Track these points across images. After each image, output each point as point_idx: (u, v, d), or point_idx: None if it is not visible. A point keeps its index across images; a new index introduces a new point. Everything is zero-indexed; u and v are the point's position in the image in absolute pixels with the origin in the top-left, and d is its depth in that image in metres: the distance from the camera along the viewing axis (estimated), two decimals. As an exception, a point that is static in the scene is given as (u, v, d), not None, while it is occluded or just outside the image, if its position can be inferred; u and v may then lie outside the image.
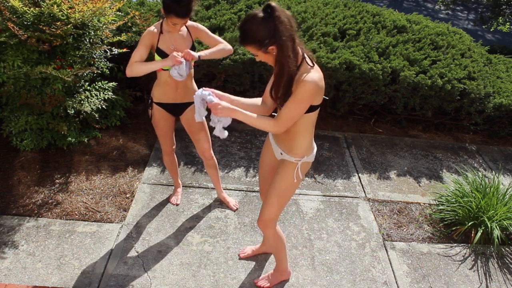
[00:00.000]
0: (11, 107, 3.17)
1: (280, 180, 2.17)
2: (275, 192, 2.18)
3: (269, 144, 2.31)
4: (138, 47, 2.41)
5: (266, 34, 1.77)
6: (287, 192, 2.20)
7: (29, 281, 2.48)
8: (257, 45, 1.81)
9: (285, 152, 2.13)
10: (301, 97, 1.86)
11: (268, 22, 1.76)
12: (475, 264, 2.98)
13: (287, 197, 2.22)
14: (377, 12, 4.80)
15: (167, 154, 2.96)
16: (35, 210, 2.98)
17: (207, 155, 2.90)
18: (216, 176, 3.07)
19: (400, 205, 3.46)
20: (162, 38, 2.45)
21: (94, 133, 3.58)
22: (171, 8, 2.26)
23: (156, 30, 2.43)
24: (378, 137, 4.42)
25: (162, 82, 2.59)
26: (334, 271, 2.76)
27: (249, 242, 2.90)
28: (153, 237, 2.86)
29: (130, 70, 2.37)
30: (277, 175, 2.19)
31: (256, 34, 1.78)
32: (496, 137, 4.77)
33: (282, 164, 2.18)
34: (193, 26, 2.54)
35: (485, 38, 9.78)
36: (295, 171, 2.13)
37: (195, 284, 2.57)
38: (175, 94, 2.62)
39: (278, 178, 2.18)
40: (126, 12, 3.83)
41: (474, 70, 4.39)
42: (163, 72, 2.53)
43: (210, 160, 2.94)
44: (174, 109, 2.70)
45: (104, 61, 3.49)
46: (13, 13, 2.87)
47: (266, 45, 1.79)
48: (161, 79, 2.59)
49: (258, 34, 1.78)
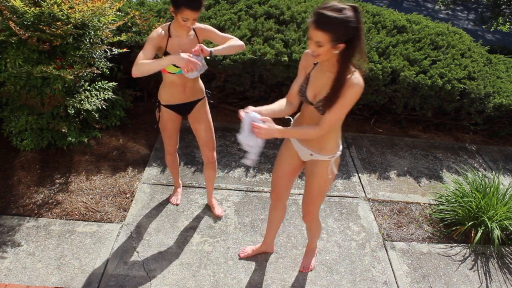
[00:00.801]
0: (11, 107, 3.17)
1: (318, 180, 2.23)
2: (316, 191, 2.28)
3: (291, 147, 2.28)
4: (145, 47, 2.33)
5: (345, 31, 1.75)
6: (325, 188, 2.29)
7: (29, 281, 2.48)
8: (332, 36, 1.76)
9: (316, 152, 2.14)
10: (349, 100, 1.88)
11: (352, 22, 1.74)
12: (475, 264, 2.98)
13: (326, 192, 2.32)
14: (377, 12, 4.80)
15: (170, 154, 2.94)
16: (35, 210, 2.98)
17: (211, 156, 2.86)
18: (212, 180, 3.02)
19: (400, 205, 3.46)
20: (171, 42, 2.38)
21: (94, 133, 3.59)
22: (181, 1, 2.19)
23: (164, 32, 2.36)
24: (378, 137, 4.42)
25: (168, 83, 2.54)
26: (334, 271, 2.76)
27: (249, 242, 2.90)
28: (153, 237, 2.86)
29: (137, 69, 2.27)
30: (312, 177, 2.23)
31: (338, 26, 1.74)
32: (496, 137, 4.77)
33: (314, 164, 2.20)
34: (200, 28, 2.49)
35: (485, 38, 9.79)
36: (329, 168, 2.18)
37: (195, 284, 2.57)
38: (183, 94, 2.57)
39: (315, 180, 2.23)
40: (126, 12, 3.83)
41: (474, 70, 4.39)
42: (168, 74, 2.48)
43: (212, 162, 2.89)
44: (183, 109, 2.66)
45: (104, 61, 3.49)
46: (13, 12, 2.87)
47: (339, 41, 1.77)
48: (167, 81, 2.54)
49: (339, 27, 1.74)
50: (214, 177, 3.01)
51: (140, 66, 2.26)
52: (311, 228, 2.56)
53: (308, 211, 2.39)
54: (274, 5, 4.38)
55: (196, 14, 2.25)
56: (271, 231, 2.71)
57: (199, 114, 2.71)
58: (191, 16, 2.25)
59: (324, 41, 1.78)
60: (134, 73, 2.27)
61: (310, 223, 2.49)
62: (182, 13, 2.22)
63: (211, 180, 3.02)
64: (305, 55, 2.08)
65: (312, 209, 2.38)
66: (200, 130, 2.76)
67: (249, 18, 4.19)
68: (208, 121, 2.74)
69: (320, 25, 1.76)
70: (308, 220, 2.45)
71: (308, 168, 2.27)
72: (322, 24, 1.75)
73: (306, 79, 2.06)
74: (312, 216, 2.43)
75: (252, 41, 3.95)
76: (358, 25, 1.76)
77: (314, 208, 2.38)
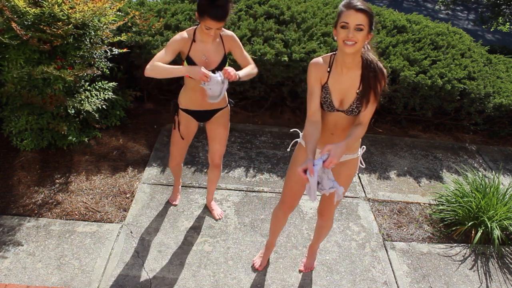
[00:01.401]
0: (11, 107, 3.17)
1: (346, 179, 2.20)
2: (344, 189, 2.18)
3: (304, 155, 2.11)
4: (165, 49, 2.23)
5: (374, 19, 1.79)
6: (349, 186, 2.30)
7: (29, 281, 2.48)
8: (371, 19, 1.77)
9: (346, 153, 2.09)
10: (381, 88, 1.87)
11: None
12: (475, 264, 2.98)
13: None
14: (377, 12, 4.80)
15: (178, 164, 2.88)
16: (35, 210, 2.98)
17: (218, 163, 2.80)
18: (215, 181, 2.96)
19: (400, 205, 3.46)
20: (194, 47, 2.28)
21: (94, 133, 3.59)
22: (205, 9, 2.09)
23: (188, 36, 2.27)
24: (378, 137, 4.42)
25: (189, 88, 2.45)
26: (334, 271, 2.76)
27: (249, 242, 2.90)
28: (153, 237, 2.86)
29: (151, 69, 2.17)
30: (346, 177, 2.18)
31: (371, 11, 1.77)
32: (496, 137, 4.77)
33: (344, 165, 2.15)
34: (227, 36, 2.36)
35: (485, 38, 9.78)
36: (358, 164, 2.18)
37: (195, 284, 2.57)
38: (203, 101, 2.40)
39: (343, 179, 2.17)
40: (126, 12, 3.83)
41: (474, 70, 4.39)
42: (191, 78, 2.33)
43: (218, 167, 2.84)
44: (201, 115, 2.58)
45: (104, 61, 3.49)
46: (14, 12, 2.87)
47: (372, 26, 1.79)
48: (189, 86, 2.45)
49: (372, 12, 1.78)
50: (218, 179, 2.96)
51: (155, 68, 2.17)
52: (326, 226, 2.51)
53: (329, 212, 2.37)
54: (274, 5, 4.38)
55: (220, 25, 2.15)
56: (276, 235, 2.65)
57: (217, 123, 2.62)
58: (214, 26, 2.15)
59: (365, 23, 1.75)
60: (147, 73, 2.19)
61: (327, 222, 2.46)
62: (205, 22, 2.14)
63: (213, 182, 2.97)
64: (315, 66, 1.96)
65: (333, 208, 2.38)
66: (215, 138, 2.68)
67: (249, 18, 4.19)
68: (225, 131, 2.66)
69: (362, 7, 1.73)
70: (326, 219, 2.43)
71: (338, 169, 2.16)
72: (363, 6, 1.74)
73: (325, 89, 1.96)
74: (332, 216, 2.43)
75: (252, 41, 3.95)
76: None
77: (334, 207, 2.38)
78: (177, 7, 4.26)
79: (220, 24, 2.15)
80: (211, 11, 2.08)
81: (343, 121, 2.00)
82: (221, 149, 2.75)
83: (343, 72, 1.92)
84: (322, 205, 2.39)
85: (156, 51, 3.70)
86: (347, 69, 1.91)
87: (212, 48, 2.32)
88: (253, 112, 4.45)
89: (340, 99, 1.95)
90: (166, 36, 3.86)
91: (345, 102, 1.94)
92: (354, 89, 1.89)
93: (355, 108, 1.92)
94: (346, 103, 1.94)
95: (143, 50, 3.81)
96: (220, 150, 2.75)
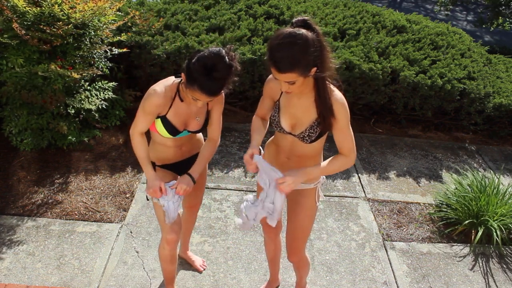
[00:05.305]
0: (11, 107, 3.17)
1: (306, 211, 1.98)
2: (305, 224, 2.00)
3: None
4: (144, 115, 1.90)
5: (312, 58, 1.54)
6: (313, 218, 2.03)
7: (29, 281, 2.47)
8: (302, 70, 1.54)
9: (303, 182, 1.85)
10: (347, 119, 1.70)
11: (313, 43, 1.52)
12: (475, 264, 2.98)
13: (313, 223, 2.06)
14: (377, 12, 4.80)
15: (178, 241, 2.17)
16: (35, 210, 2.98)
17: (196, 210, 2.50)
18: (191, 230, 2.60)
19: (400, 205, 3.46)
20: (175, 107, 1.91)
21: (94, 133, 3.58)
22: (197, 77, 1.70)
23: (168, 95, 1.89)
24: (378, 137, 4.42)
25: (158, 142, 2.08)
26: (334, 271, 2.76)
27: (249, 242, 2.90)
28: (153, 237, 2.86)
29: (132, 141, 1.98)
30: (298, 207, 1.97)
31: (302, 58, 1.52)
32: (496, 137, 4.77)
33: (300, 194, 1.96)
34: None
35: (484, 39, 9.79)
36: (315, 195, 1.97)
37: (195, 284, 2.56)
38: (180, 152, 2.12)
39: (303, 210, 1.97)
40: (126, 12, 3.83)
41: (474, 70, 4.40)
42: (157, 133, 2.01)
43: (195, 214, 2.53)
44: (181, 166, 2.15)
45: (104, 61, 3.49)
46: (14, 12, 2.87)
47: (309, 68, 1.56)
48: (156, 140, 2.08)
49: (304, 58, 1.52)
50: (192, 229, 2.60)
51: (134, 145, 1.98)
52: (299, 267, 2.22)
53: (295, 248, 2.06)
54: (274, 5, 4.39)
55: (212, 99, 1.80)
56: (274, 266, 2.47)
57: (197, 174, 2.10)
58: (204, 100, 1.81)
59: (295, 78, 1.56)
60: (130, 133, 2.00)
61: (298, 263, 2.16)
62: (193, 92, 1.76)
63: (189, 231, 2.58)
64: (270, 82, 1.83)
65: (300, 245, 2.06)
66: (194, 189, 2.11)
67: (249, 18, 4.19)
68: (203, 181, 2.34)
69: (284, 68, 1.53)
70: (295, 260, 2.12)
71: (291, 198, 1.99)
72: (286, 66, 1.52)
73: (276, 107, 1.83)
74: (300, 254, 2.10)
75: (252, 41, 3.95)
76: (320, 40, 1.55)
77: (301, 244, 2.06)
78: (177, 7, 4.26)
79: (211, 99, 1.79)
80: (204, 83, 1.70)
81: (299, 148, 1.86)
82: (201, 195, 2.44)
83: (297, 95, 1.76)
84: (287, 244, 2.09)
85: (156, 51, 3.70)
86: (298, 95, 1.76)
87: (195, 109, 1.96)
88: (252, 112, 4.43)
89: (292, 122, 1.80)
90: (166, 36, 3.86)
91: (297, 127, 1.80)
92: (309, 117, 1.75)
93: (307, 135, 1.76)
94: (298, 129, 1.79)
95: (143, 50, 3.81)
96: (201, 196, 2.44)
